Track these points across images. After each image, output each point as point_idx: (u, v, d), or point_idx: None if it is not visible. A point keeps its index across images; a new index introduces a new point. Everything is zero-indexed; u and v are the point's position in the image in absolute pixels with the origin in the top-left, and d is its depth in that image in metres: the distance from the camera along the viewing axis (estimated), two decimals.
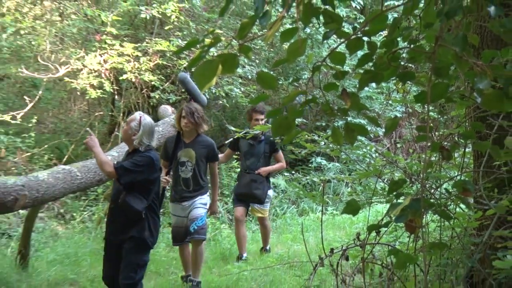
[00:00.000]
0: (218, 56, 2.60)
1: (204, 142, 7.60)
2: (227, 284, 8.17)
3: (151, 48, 12.40)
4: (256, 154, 8.81)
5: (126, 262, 5.97)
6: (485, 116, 4.23)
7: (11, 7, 13.97)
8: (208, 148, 7.61)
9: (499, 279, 4.21)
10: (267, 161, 8.94)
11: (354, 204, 3.36)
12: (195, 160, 7.50)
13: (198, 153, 7.54)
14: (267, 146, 8.87)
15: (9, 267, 8.09)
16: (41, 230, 10.25)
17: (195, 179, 7.52)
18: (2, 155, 11.64)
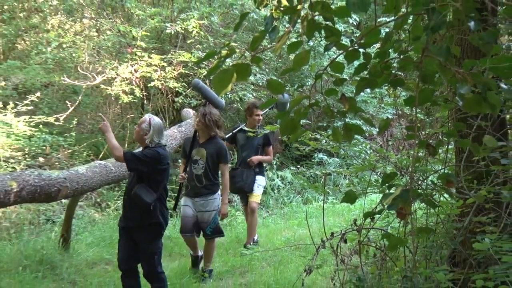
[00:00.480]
0: (233, 65, 2.60)
1: (215, 144, 7.34)
2: (241, 263, 8.18)
3: (175, 59, 12.43)
4: (251, 146, 8.61)
5: (143, 252, 5.98)
6: (466, 117, 4.22)
7: (54, 24, 14.02)
8: (217, 149, 7.33)
9: (478, 259, 4.19)
10: (260, 153, 8.74)
11: (352, 194, 3.36)
12: (206, 159, 7.28)
13: (208, 153, 7.29)
14: (261, 140, 8.64)
15: (53, 249, 8.12)
16: (81, 217, 10.29)
17: (207, 176, 7.29)
18: (47, 152, 11.67)
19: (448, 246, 4.77)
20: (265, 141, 8.69)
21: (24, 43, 14.97)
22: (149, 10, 12.76)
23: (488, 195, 4.18)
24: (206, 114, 7.16)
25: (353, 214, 9.29)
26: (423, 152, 4.09)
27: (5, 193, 7.36)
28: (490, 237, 3.99)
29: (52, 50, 13.23)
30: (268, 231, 10.09)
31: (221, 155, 7.35)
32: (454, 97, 2.91)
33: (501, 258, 3.80)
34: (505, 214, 4.34)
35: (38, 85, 13.05)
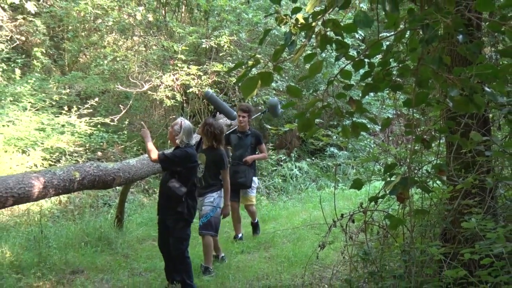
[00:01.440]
0: (258, 74, 2.61)
1: (216, 152, 6.80)
2: (265, 239, 8.21)
3: (210, 69, 12.49)
4: (243, 145, 7.90)
5: (173, 237, 5.86)
6: (455, 116, 4.18)
7: (110, 41, 14.13)
8: (215, 158, 6.78)
9: (465, 236, 4.17)
10: (253, 152, 8.05)
11: (358, 181, 3.35)
12: (205, 164, 6.79)
13: (208, 159, 6.80)
14: (253, 139, 7.97)
15: (109, 228, 8.20)
16: (132, 201, 10.36)
17: (205, 179, 6.81)
18: (104, 147, 11.77)
19: (440, 225, 4.74)
20: (256, 140, 8.08)
21: (85, 57, 15.09)
22: (188, 28, 12.81)
23: (474, 181, 4.16)
24: (206, 125, 6.78)
25: (359, 198, 9.25)
26: (419, 145, 4.07)
27: (70, 181, 7.45)
28: (476, 217, 3.96)
29: (108, 62, 13.33)
30: (288, 212, 10.09)
31: (219, 163, 6.81)
32: (445, 99, 2.89)
33: (485, 235, 3.77)
34: (489, 198, 4.31)
35: (96, 92, 13.16)
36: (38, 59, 14.18)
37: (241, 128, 7.96)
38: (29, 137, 10.67)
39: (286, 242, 8.01)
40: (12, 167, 9.84)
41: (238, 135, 7.86)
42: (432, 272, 4.38)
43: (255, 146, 8.04)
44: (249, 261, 7.21)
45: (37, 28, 14.54)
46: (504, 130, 4.85)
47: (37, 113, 11.63)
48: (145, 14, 13.19)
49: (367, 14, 2.67)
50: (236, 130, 7.90)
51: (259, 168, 12.58)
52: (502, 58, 3.36)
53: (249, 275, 6.57)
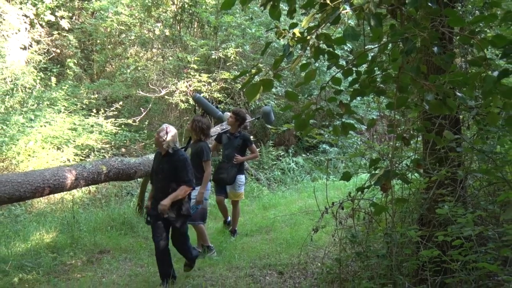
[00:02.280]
0: (260, 80, 2.60)
1: (199, 145, 6.44)
2: (266, 224, 8.21)
3: (218, 76, 12.50)
4: (231, 146, 7.33)
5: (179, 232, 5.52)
6: (431, 117, 4.18)
7: (132, 53, 14.14)
8: (198, 149, 6.42)
9: (439, 221, 4.17)
10: (240, 152, 7.39)
11: (347, 174, 3.35)
12: (190, 157, 6.23)
13: (192, 152, 6.50)
14: (241, 141, 7.38)
15: (131, 214, 8.23)
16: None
17: None
18: (127, 144, 11.79)
19: (418, 211, 4.74)
20: (244, 142, 7.44)
21: (111, 67, 15.11)
22: (199, 42, 12.82)
23: (447, 174, 4.16)
24: (195, 121, 6.49)
25: (348, 188, 9.24)
26: (400, 143, 4.07)
27: (98, 174, 7.49)
28: (448, 204, 3.96)
29: (130, 71, 13.36)
30: (286, 201, 10.10)
31: (201, 154, 6.40)
32: (422, 102, 2.89)
33: (456, 220, 3.77)
34: (459, 188, 4.31)
35: (120, 97, 13.18)
36: (70, 68, 14.21)
37: (233, 130, 7.47)
38: (63, 136, 10.71)
39: (284, 227, 8.01)
40: (49, 162, 9.88)
41: (228, 135, 7.46)
42: (411, 252, 4.38)
43: (242, 148, 7.46)
44: (252, 243, 7.22)
45: (70, 42, 14.57)
46: (473, 129, 4.84)
47: (70, 115, 11.67)
48: (163, 29, 13.20)
49: (355, 29, 2.67)
50: (228, 131, 7.52)
51: (261, 162, 12.59)
52: (471, 67, 3.36)
53: (252, 255, 6.58)
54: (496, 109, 2.84)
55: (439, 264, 3.90)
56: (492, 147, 4.02)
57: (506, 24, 3.77)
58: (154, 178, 5.62)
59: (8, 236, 6.91)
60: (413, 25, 2.53)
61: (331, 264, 5.43)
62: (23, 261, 6.00)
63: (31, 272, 5.88)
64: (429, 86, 2.68)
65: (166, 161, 5.43)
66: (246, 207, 9.68)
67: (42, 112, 11.32)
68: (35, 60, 13.89)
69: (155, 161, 5.64)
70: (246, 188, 10.91)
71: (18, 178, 6.46)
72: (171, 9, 13.36)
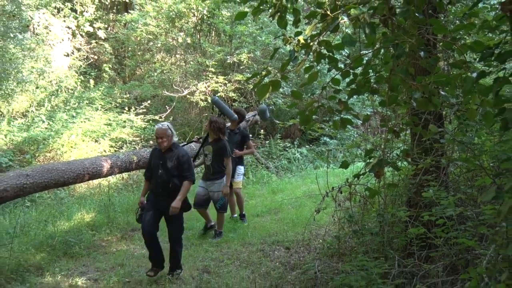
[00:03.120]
0: (269, 81, 2.61)
1: (220, 143, 6.33)
2: (275, 206, 8.22)
3: (233, 78, 12.48)
4: (232, 141, 7.03)
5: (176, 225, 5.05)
6: (418, 113, 4.16)
7: (159, 58, 14.16)
8: (220, 147, 6.32)
9: (425, 203, 4.16)
10: (238, 147, 7.19)
11: (345, 162, 3.35)
12: (212, 154, 6.34)
13: (214, 149, 6.33)
14: (239, 137, 7.21)
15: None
16: None
17: (214, 166, 6.33)
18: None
19: (406, 194, 4.74)
20: (242, 138, 7.25)
21: (140, 70, 15.15)
22: (216, 48, 12.80)
23: (431, 162, 4.15)
24: (212, 122, 6.33)
25: (346, 175, 9.22)
26: (391, 135, 4.07)
27: (130, 163, 7.54)
28: (433, 189, 3.96)
29: (157, 74, 13.38)
30: (292, 186, 10.10)
31: (223, 151, 6.32)
32: (410, 100, 2.88)
33: (440, 202, 3.77)
34: (442, 174, 4.30)
35: (148, 96, 13.22)
36: (106, 72, 14.31)
37: (232, 126, 7.25)
38: (100, 130, 10.78)
39: (291, 208, 8.02)
40: (88, 152, 9.96)
41: (228, 131, 7.16)
42: (400, 230, 4.39)
43: (240, 143, 7.25)
44: (262, 223, 7.24)
45: (106, 49, 14.66)
46: (454, 124, 4.81)
47: (106, 112, 11.75)
48: (185, 38, 13.19)
49: (352, 36, 2.66)
50: (229, 128, 7.23)
51: (270, 153, 12.58)
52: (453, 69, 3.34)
53: (262, 233, 6.61)
54: (474, 106, 2.83)
55: (425, 240, 3.90)
56: (471, 138, 4.00)
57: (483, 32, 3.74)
58: (153, 173, 5.08)
59: (55, 216, 6.99)
60: (402, 33, 2.52)
61: (331, 240, 5.44)
62: (67, 237, 6.07)
63: (74, 247, 5.95)
64: (417, 85, 2.68)
65: (168, 157, 4.98)
66: (257, 191, 9.70)
67: (82, 110, 11.41)
68: (76, 65, 14.00)
69: (153, 157, 5.13)
70: (257, 175, 10.95)
71: (62, 166, 6.54)
72: (192, 20, 13.34)
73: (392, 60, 2.59)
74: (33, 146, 9.71)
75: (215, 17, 13.07)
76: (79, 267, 5.45)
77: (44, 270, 5.27)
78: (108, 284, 4.93)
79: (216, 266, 5.42)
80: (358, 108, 13.45)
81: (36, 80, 12.21)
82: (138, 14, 13.76)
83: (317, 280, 4.59)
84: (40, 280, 5.02)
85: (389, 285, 3.51)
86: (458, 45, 2.58)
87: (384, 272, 3.75)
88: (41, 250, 5.74)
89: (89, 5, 14.69)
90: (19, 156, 9.49)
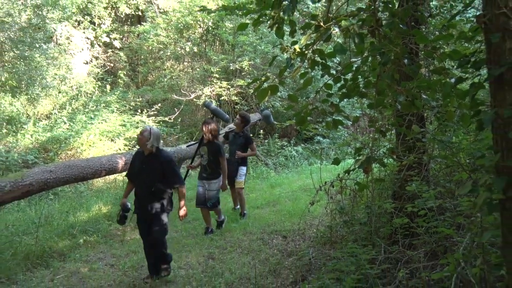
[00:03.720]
0: (268, 86, 2.61)
1: (214, 145, 6.09)
2: (273, 199, 8.21)
3: (235, 83, 12.47)
4: (235, 143, 6.89)
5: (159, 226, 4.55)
6: (402, 115, 4.16)
7: (168, 65, 14.16)
8: (215, 148, 6.09)
9: (408, 196, 4.17)
10: (242, 149, 6.86)
11: (337, 159, 3.34)
12: (207, 154, 6.11)
13: (209, 150, 6.09)
14: (243, 140, 6.91)
15: None
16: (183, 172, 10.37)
17: (210, 166, 6.10)
18: (165, 137, 11.84)
19: (392, 188, 4.74)
20: (246, 140, 6.94)
21: (152, 76, 15.17)
22: (220, 56, 12.80)
23: (414, 159, 4.14)
24: (206, 124, 6.10)
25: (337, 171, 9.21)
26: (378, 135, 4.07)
27: None
28: (415, 183, 3.96)
29: (167, 80, 13.39)
30: (288, 181, 10.09)
31: (218, 152, 6.08)
32: (395, 103, 2.88)
33: (422, 195, 3.77)
34: (424, 170, 4.30)
35: (159, 100, 13.22)
36: (121, 78, 14.34)
37: (238, 129, 6.94)
38: (115, 130, 10.80)
39: (287, 201, 8.01)
40: (104, 150, 9.97)
41: (233, 134, 6.96)
42: (386, 220, 4.39)
43: (244, 145, 6.92)
44: (262, 214, 7.25)
45: (121, 57, 14.69)
46: (434, 124, 4.82)
47: (121, 114, 11.77)
48: (192, 47, 13.19)
49: (342, 45, 2.67)
50: (233, 131, 7.02)
51: (269, 151, 12.58)
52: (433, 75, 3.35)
53: (262, 223, 6.61)
54: (452, 108, 2.83)
55: (408, 229, 3.90)
56: (450, 138, 4.00)
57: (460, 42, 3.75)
58: (136, 177, 4.66)
59: (75, 208, 7.00)
60: (388, 42, 2.52)
61: (324, 230, 5.44)
62: (86, 226, 6.08)
63: (92, 235, 5.97)
64: (401, 90, 2.68)
65: (151, 161, 4.53)
66: (257, 186, 9.70)
67: (99, 112, 11.42)
68: (94, 72, 14.04)
69: (136, 161, 4.68)
70: (257, 171, 10.93)
71: (82, 163, 6.55)
72: (198, 31, 13.35)
73: (379, 67, 2.59)
74: (55, 145, 9.73)
75: (219, 28, 13.08)
76: (97, 253, 5.46)
77: (66, 256, 5.29)
78: (123, 269, 4.95)
79: (220, 253, 5.43)
80: (348, 110, 13.45)
81: (59, 85, 12.27)
82: (150, 25, 13.78)
83: (311, 265, 4.59)
84: (62, 265, 5.04)
85: (376, 270, 3.51)
86: (438, 53, 2.59)
87: (372, 258, 3.75)
88: (63, 238, 5.76)
89: (106, 18, 14.72)
90: (44, 154, 9.52)
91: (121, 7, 14.63)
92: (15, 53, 11.01)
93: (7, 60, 11.23)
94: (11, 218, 6.33)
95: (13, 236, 5.48)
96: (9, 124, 10.27)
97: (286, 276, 4.54)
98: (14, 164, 8.55)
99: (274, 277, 4.56)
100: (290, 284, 4.34)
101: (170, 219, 5.11)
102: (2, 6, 10.56)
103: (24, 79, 11.33)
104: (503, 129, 2.07)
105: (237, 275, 4.63)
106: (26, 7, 11.29)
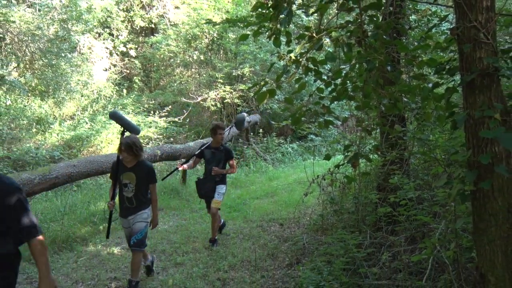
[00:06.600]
0: (267, 90, 2.62)
1: (145, 167, 3.93)
2: (271, 190, 8.21)
3: (237, 88, 12.44)
4: (215, 160, 5.20)
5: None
6: (386, 115, 4.17)
7: (178, 72, 14.12)
8: (147, 171, 3.93)
9: (391, 187, 4.17)
10: (223, 166, 5.25)
11: (328, 155, 3.35)
12: (135, 182, 3.90)
13: (139, 176, 3.91)
14: (223, 155, 5.20)
15: (177, 184, 8.26)
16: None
17: (137, 197, 3.91)
18: (174, 135, 11.82)
19: (376, 181, 4.75)
20: (227, 156, 5.27)
21: (163, 82, 15.12)
22: (224, 63, 12.77)
23: (396, 155, 4.15)
24: (132, 146, 3.83)
25: (328, 166, 9.24)
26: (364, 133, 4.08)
27: (154, 156, 7.53)
28: (397, 176, 3.96)
29: (176, 85, 13.35)
30: (285, 174, 10.10)
31: (152, 176, 3.95)
32: (380, 105, 2.89)
33: (403, 187, 3.78)
34: (405, 165, 4.31)
35: (170, 102, 13.19)
36: (136, 83, 14.31)
37: (216, 144, 5.27)
38: None
39: (284, 192, 8.02)
40: None
41: (212, 150, 5.27)
42: (371, 209, 4.40)
43: (225, 160, 5.30)
44: (261, 204, 7.26)
45: (136, 65, 14.65)
46: (414, 124, 4.82)
47: (135, 115, 11.73)
48: (199, 55, 13.18)
49: (333, 54, 2.67)
50: (210, 146, 5.30)
51: (267, 147, 12.56)
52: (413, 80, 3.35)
53: (261, 212, 6.62)
54: (430, 109, 2.84)
55: (391, 217, 3.91)
56: (427, 136, 4.01)
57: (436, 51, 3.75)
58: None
59: (95, 198, 7.01)
60: (373, 51, 2.53)
61: (316, 218, 5.45)
62: (106, 215, 6.08)
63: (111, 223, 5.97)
64: (385, 93, 2.68)
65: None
66: (256, 179, 9.70)
67: None
68: (113, 78, 14.02)
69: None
70: (256, 165, 10.91)
71: (101, 158, 6.54)
72: (204, 41, 13.32)
73: (365, 73, 2.59)
74: (78, 142, 9.75)
75: (223, 38, 13.05)
76: (115, 239, 5.47)
77: (88, 241, 5.30)
78: None
79: (223, 239, 5.44)
80: (338, 111, 13.42)
81: (81, 90, 12.29)
82: (162, 37, 13.76)
83: (305, 250, 4.61)
84: (85, 249, 5.05)
85: (362, 253, 3.52)
86: (417, 61, 2.59)
87: (359, 243, 3.77)
88: (85, 225, 5.77)
89: (123, 30, 14.70)
90: (68, 150, 9.52)
91: (136, 20, 14.62)
92: (43, 61, 11.11)
93: (37, 67, 11.31)
94: (40, 207, 6.34)
95: (41, 223, 5.49)
96: (38, 124, 10.31)
97: (282, 259, 4.56)
98: (43, 159, 8.56)
99: (272, 260, 4.58)
100: (286, 266, 4.35)
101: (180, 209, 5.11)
102: (33, 21, 10.64)
103: (51, 85, 11.43)
104: (474, 128, 2.08)
105: (239, 258, 4.65)
106: (53, 21, 11.39)
